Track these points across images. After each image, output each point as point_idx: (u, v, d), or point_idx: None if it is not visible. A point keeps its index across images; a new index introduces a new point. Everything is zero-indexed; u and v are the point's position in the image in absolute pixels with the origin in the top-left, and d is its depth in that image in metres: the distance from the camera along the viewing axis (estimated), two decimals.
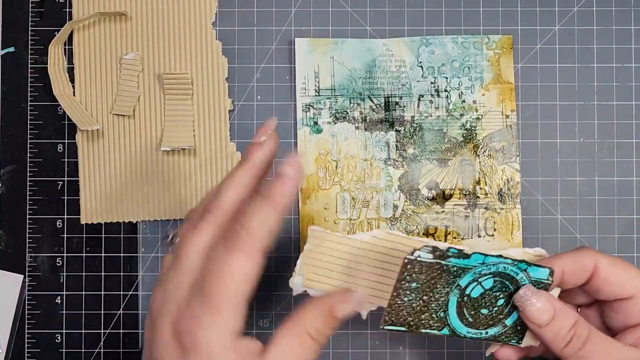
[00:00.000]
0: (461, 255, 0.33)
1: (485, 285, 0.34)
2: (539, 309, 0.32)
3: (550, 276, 0.34)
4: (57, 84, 0.45)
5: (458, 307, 0.34)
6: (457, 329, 0.35)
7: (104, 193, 0.46)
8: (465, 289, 0.34)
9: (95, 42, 0.46)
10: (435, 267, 0.33)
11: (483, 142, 0.46)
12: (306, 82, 0.46)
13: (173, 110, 0.46)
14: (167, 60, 0.46)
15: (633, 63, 0.46)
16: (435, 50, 0.46)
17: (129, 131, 0.46)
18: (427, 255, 0.32)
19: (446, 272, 0.33)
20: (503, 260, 0.33)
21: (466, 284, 0.34)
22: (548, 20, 0.47)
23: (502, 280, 0.34)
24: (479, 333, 0.35)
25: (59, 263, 0.46)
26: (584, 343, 0.32)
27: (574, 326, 0.32)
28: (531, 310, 0.33)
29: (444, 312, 0.34)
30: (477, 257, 0.33)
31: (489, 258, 0.33)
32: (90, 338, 0.46)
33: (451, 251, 0.32)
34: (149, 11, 0.46)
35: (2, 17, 0.47)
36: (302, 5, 0.47)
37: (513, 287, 0.34)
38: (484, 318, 0.35)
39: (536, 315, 0.33)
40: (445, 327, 0.35)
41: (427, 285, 0.33)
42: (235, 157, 0.46)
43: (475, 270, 0.33)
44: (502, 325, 0.35)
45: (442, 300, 0.34)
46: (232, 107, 0.46)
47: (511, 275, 0.34)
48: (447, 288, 0.34)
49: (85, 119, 0.45)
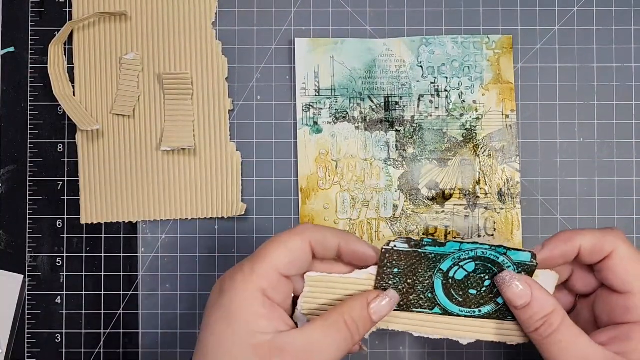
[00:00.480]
0: (436, 243, 0.34)
1: (468, 269, 0.35)
2: (516, 294, 0.34)
3: (533, 259, 0.34)
4: (57, 84, 0.45)
5: (444, 288, 0.35)
6: (448, 308, 0.36)
7: (104, 193, 0.46)
8: (448, 273, 0.35)
9: (95, 42, 0.46)
10: (413, 254, 0.34)
11: (483, 142, 0.46)
12: (306, 82, 0.46)
13: (173, 110, 0.46)
14: (167, 60, 0.46)
15: (633, 63, 0.46)
16: (435, 50, 0.46)
17: (129, 131, 0.46)
18: (403, 245, 0.34)
19: (425, 258, 0.34)
20: (480, 245, 0.34)
21: (447, 268, 0.35)
22: (548, 20, 0.47)
23: (484, 264, 0.35)
24: (472, 311, 0.36)
25: (59, 263, 0.46)
26: (552, 332, 0.33)
27: (549, 315, 0.34)
28: (508, 293, 0.34)
29: (431, 294, 0.36)
30: (453, 245, 0.34)
31: (465, 245, 0.34)
32: (90, 338, 0.46)
33: (425, 241, 0.34)
34: (149, 11, 0.46)
35: (2, 17, 0.47)
36: (302, 5, 0.47)
37: (497, 269, 0.35)
38: (473, 297, 0.36)
39: (512, 298, 0.34)
40: (436, 307, 0.36)
41: (409, 270, 0.35)
42: (236, 157, 0.46)
43: (454, 256, 0.34)
44: (494, 304, 0.36)
45: (427, 283, 0.35)
46: (232, 107, 0.46)
47: (492, 259, 0.35)
48: (430, 272, 0.35)
49: (85, 119, 0.45)
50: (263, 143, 0.46)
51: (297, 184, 0.46)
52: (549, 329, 0.34)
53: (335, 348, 0.32)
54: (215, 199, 0.46)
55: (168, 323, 0.46)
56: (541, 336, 0.34)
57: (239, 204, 0.46)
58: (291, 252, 0.33)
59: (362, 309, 0.34)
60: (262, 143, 0.47)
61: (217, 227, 0.46)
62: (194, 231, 0.46)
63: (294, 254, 0.33)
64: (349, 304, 0.34)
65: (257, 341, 0.32)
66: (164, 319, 0.46)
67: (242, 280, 0.32)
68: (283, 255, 0.33)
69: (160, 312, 0.46)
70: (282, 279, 0.33)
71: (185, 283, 0.46)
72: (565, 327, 0.34)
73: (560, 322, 0.34)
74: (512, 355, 0.46)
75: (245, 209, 0.46)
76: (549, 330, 0.34)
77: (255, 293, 0.32)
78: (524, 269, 0.35)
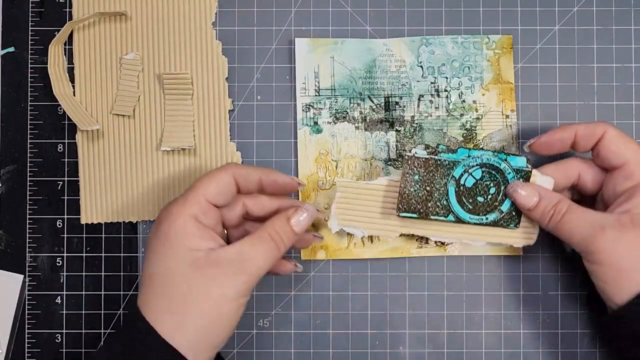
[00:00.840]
0: (449, 150, 0.41)
1: (476, 176, 0.41)
2: (526, 197, 0.40)
3: (528, 164, 0.41)
4: (57, 84, 0.45)
5: (457, 196, 0.41)
6: (460, 215, 0.41)
7: (104, 193, 0.46)
8: (460, 180, 0.41)
9: (95, 42, 0.46)
10: (430, 162, 0.41)
11: (483, 142, 0.46)
12: (306, 82, 0.46)
13: (173, 110, 0.46)
14: (167, 60, 0.46)
15: (633, 63, 0.46)
16: (435, 50, 0.46)
17: (129, 131, 0.46)
18: (422, 152, 0.41)
19: (440, 165, 0.41)
20: (484, 152, 0.41)
21: (459, 174, 0.41)
22: (548, 20, 0.47)
23: (489, 171, 0.41)
24: (480, 219, 0.41)
25: (59, 263, 0.46)
26: (562, 215, 0.39)
27: (556, 204, 0.39)
28: (519, 197, 0.40)
29: (446, 201, 0.41)
30: (463, 151, 0.41)
31: (473, 151, 0.41)
32: (90, 338, 0.46)
33: (440, 147, 0.41)
34: (149, 11, 0.46)
35: (2, 17, 0.47)
36: (302, 5, 0.47)
37: (499, 176, 0.41)
38: (481, 205, 0.41)
39: (524, 202, 0.40)
40: (450, 214, 0.41)
41: (428, 177, 0.41)
42: (236, 157, 0.46)
43: (464, 163, 0.41)
44: (498, 212, 0.41)
45: (443, 190, 0.41)
46: (232, 107, 0.46)
47: (495, 165, 0.41)
48: (444, 179, 0.41)
49: (85, 119, 0.45)
50: (263, 143, 0.46)
51: None
52: (559, 214, 0.39)
53: (264, 257, 0.38)
54: None
55: None
56: (555, 222, 0.39)
57: None
58: (217, 184, 0.39)
59: (283, 223, 0.39)
60: (262, 143, 0.46)
61: None
62: None
63: (220, 185, 0.39)
64: (272, 220, 0.39)
65: (194, 257, 0.37)
66: None
67: (177, 209, 0.38)
68: (211, 186, 0.38)
69: None
70: (211, 206, 0.38)
71: None
72: (573, 208, 0.39)
73: (568, 206, 0.39)
74: (512, 355, 0.45)
75: None
76: (560, 214, 0.39)
77: (189, 218, 0.37)
78: (522, 175, 0.41)
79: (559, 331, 0.46)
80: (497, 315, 0.46)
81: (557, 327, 0.46)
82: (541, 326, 0.46)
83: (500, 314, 0.46)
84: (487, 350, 0.46)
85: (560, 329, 0.46)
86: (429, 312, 0.46)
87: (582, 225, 0.38)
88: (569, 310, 0.46)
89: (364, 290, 0.46)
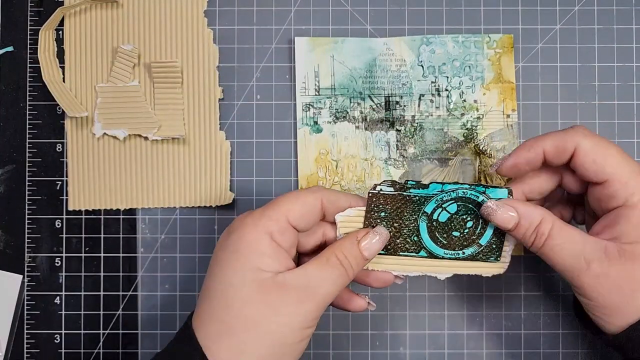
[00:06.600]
0: (420, 185, 0.36)
1: (450, 210, 0.37)
2: (504, 218, 0.35)
3: (510, 195, 0.36)
4: (47, 69, 0.45)
5: (429, 231, 0.37)
6: (433, 251, 0.37)
7: (92, 181, 0.46)
8: (432, 215, 0.37)
9: (86, 28, 0.46)
10: (398, 197, 0.36)
11: (484, 141, 0.46)
12: (306, 82, 0.46)
13: (163, 99, 0.46)
14: (158, 48, 0.46)
15: (634, 62, 0.46)
16: (435, 49, 0.46)
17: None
18: (388, 189, 0.36)
19: (410, 201, 0.36)
20: (460, 185, 0.36)
21: (431, 210, 0.36)
22: (549, 19, 0.46)
23: (466, 204, 0.36)
24: (456, 254, 0.37)
25: (58, 263, 0.46)
26: (545, 239, 0.35)
27: (538, 225, 0.35)
28: (497, 219, 0.35)
29: (417, 237, 0.37)
30: (435, 186, 0.36)
31: (447, 185, 0.36)
32: (89, 338, 0.46)
33: (409, 183, 0.36)
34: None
35: (1, 17, 0.47)
36: (302, 4, 0.47)
37: (478, 210, 0.36)
38: (457, 239, 0.37)
39: (503, 223, 0.35)
40: (422, 250, 0.37)
41: (395, 213, 0.36)
42: (225, 146, 0.46)
43: (437, 198, 0.36)
44: (477, 245, 0.37)
45: (413, 226, 0.37)
46: (222, 95, 0.46)
47: (472, 199, 0.36)
48: (415, 215, 0.37)
49: (74, 105, 0.45)
50: (263, 143, 0.46)
51: (297, 184, 0.46)
52: (541, 239, 0.35)
53: (332, 282, 0.34)
54: (203, 188, 0.46)
55: (167, 323, 0.46)
56: (537, 247, 0.35)
57: (227, 193, 0.46)
58: (303, 205, 0.35)
59: (352, 246, 0.35)
60: (262, 143, 0.46)
61: (216, 227, 0.46)
62: (193, 231, 0.46)
63: (306, 207, 0.35)
64: (340, 242, 0.36)
65: (260, 277, 0.33)
66: (163, 320, 0.46)
67: (252, 222, 0.34)
68: (296, 207, 0.35)
69: (159, 313, 0.46)
70: (289, 227, 0.35)
71: (185, 283, 0.46)
72: (557, 230, 0.35)
73: (551, 228, 0.35)
74: (513, 355, 0.45)
75: (245, 208, 0.46)
76: (542, 240, 0.35)
77: (263, 234, 0.34)
78: None
79: (560, 331, 0.45)
80: (498, 316, 0.46)
81: (557, 327, 0.45)
82: (542, 327, 0.46)
83: (501, 314, 0.46)
84: (487, 350, 0.45)
85: (561, 329, 0.45)
86: (429, 313, 0.46)
87: (567, 255, 0.35)
88: (569, 311, 0.46)
89: (364, 290, 0.46)
